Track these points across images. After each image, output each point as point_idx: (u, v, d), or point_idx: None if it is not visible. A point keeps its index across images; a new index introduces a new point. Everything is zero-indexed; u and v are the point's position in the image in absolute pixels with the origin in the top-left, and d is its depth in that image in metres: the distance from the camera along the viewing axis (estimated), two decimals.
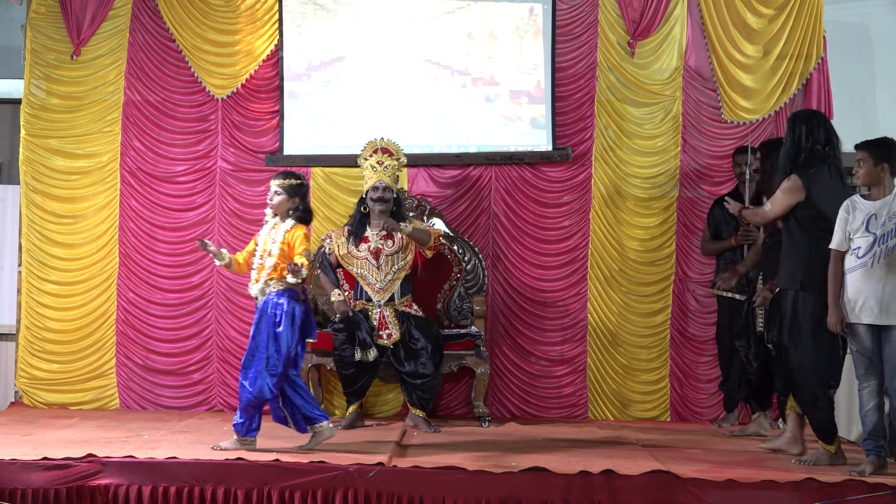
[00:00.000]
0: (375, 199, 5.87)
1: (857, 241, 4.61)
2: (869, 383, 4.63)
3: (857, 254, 4.60)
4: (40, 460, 4.55)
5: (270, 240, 4.95)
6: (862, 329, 4.60)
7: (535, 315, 6.51)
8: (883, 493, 4.30)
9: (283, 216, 4.98)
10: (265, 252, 4.94)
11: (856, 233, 4.62)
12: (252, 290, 4.98)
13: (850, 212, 4.66)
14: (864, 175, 4.71)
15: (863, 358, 4.63)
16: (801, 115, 5.07)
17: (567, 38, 6.55)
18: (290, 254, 4.87)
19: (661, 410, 6.45)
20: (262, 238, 5.00)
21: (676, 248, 6.46)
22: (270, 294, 4.89)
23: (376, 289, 5.90)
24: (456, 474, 4.51)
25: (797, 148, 4.87)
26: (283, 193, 4.96)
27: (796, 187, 4.79)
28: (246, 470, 4.55)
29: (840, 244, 4.67)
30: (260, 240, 5.02)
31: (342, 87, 6.63)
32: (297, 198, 4.98)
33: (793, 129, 4.91)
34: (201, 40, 6.62)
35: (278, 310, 4.86)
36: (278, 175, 5.04)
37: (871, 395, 4.63)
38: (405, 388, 5.84)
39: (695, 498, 4.36)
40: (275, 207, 4.98)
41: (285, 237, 4.90)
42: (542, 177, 6.53)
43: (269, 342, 4.83)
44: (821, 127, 4.90)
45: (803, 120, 4.94)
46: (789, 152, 4.89)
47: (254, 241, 5.08)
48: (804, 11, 6.44)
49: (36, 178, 6.59)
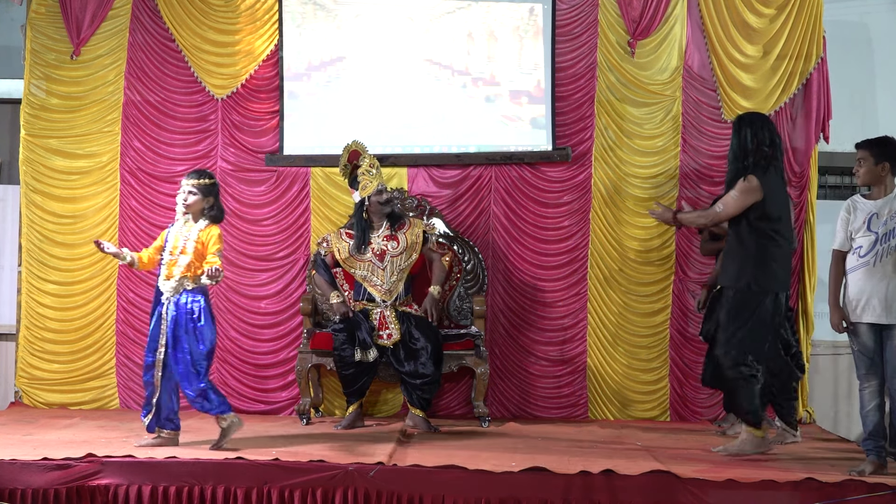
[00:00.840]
0: (384, 203, 5.89)
1: (858, 240, 4.62)
2: (870, 383, 4.63)
3: (859, 253, 4.61)
4: (40, 460, 4.55)
5: (182, 237, 4.96)
6: (864, 329, 4.60)
7: (535, 315, 6.51)
8: (883, 493, 4.30)
9: (197, 216, 5.01)
10: (175, 249, 4.95)
11: (857, 232, 4.62)
12: (164, 286, 4.95)
13: (850, 211, 4.67)
14: (864, 174, 4.71)
15: (864, 358, 4.63)
16: (745, 117, 5.10)
17: (567, 38, 6.55)
18: (203, 252, 4.93)
19: (661, 410, 6.45)
20: (173, 235, 5.01)
21: (676, 248, 6.46)
22: (184, 292, 4.93)
23: (382, 290, 5.90)
24: (456, 474, 4.51)
25: (744, 150, 4.93)
26: (197, 193, 4.99)
27: (754, 188, 4.83)
28: (246, 469, 4.56)
29: (842, 244, 4.68)
30: (170, 237, 5.02)
31: (342, 87, 6.63)
32: (210, 197, 5.02)
33: (738, 132, 4.97)
34: (201, 40, 6.62)
35: (195, 305, 4.93)
36: (191, 174, 5.06)
37: (871, 396, 4.63)
38: (405, 388, 5.84)
39: (695, 498, 4.36)
40: (189, 207, 4.99)
41: (200, 236, 4.94)
42: (542, 177, 6.54)
43: (191, 338, 4.89)
44: (764, 128, 4.96)
45: (748, 122, 5.00)
46: (737, 154, 4.95)
47: (161, 238, 5.09)
48: (804, 11, 6.43)
49: (36, 178, 6.59)
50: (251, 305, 6.57)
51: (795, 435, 5.44)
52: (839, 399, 6.84)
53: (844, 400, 6.82)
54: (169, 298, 4.93)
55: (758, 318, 4.85)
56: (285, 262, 6.57)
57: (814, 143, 6.37)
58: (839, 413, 6.82)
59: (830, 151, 6.65)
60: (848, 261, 4.66)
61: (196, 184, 4.99)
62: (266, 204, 6.60)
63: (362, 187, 5.89)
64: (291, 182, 6.59)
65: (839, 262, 4.69)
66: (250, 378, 6.51)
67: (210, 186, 5.03)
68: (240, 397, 6.47)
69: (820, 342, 6.55)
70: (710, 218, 5.09)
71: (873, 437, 4.59)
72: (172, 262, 4.95)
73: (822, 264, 6.57)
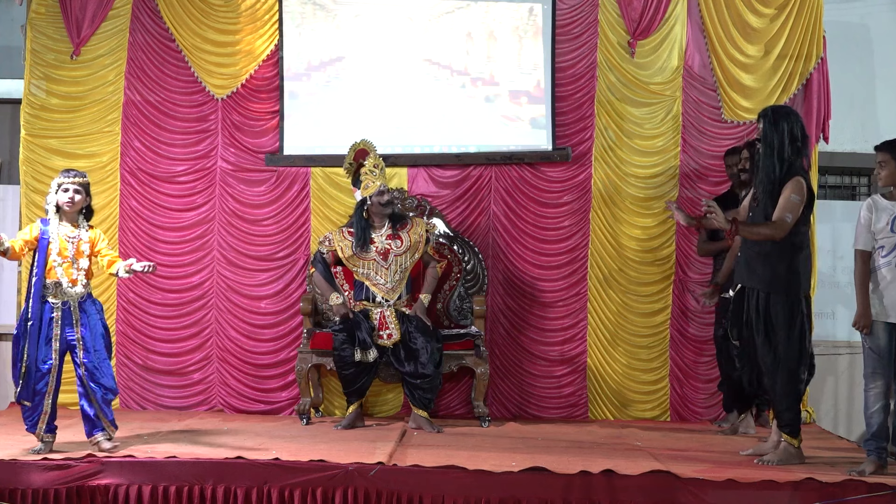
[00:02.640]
0: (384, 204, 5.88)
1: (881, 240, 4.63)
2: (876, 384, 4.64)
3: (881, 253, 4.62)
4: (40, 460, 4.57)
5: (71, 240, 4.89)
6: (881, 327, 4.62)
7: (535, 315, 6.51)
8: (883, 493, 4.30)
9: (77, 214, 4.95)
10: (67, 251, 4.86)
11: (880, 233, 4.63)
12: (72, 291, 4.87)
13: (873, 211, 4.67)
14: (886, 176, 4.71)
15: (874, 356, 4.65)
16: (779, 110, 4.84)
17: (567, 38, 6.55)
18: (95, 253, 4.98)
19: (661, 410, 6.46)
20: (57, 237, 4.86)
21: (676, 249, 6.46)
22: (86, 295, 4.95)
23: (386, 289, 5.90)
24: (456, 474, 4.51)
25: (785, 144, 4.69)
26: (81, 192, 4.94)
27: (804, 189, 4.69)
28: (246, 469, 4.55)
29: (866, 244, 4.69)
30: (52, 237, 4.85)
31: (342, 87, 6.63)
32: (88, 196, 5.01)
33: (776, 126, 4.72)
34: (201, 40, 6.62)
35: (98, 307, 4.99)
36: (70, 173, 4.94)
37: (877, 398, 4.64)
38: (407, 388, 5.83)
39: (695, 498, 4.36)
40: (75, 206, 4.91)
41: (89, 238, 4.95)
42: (542, 177, 6.54)
43: (101, 339, 4.94)
44: (796, 122, 4.76)
45: (783, 115, 4.76)
46: (779, 152, 4.70)
47: (31, 232, 4.87)
48: (804, 11, 6.44)
49: (36, 178, 6.59)
50: (251, 305, 6.57)
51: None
52: (839, 399, 6.84)
53: (844, 400, 6.82)
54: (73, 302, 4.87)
55: (806, 322, 4.78)
56: (285, 262, 6.57)
57: (814, 143, 6.36)
58: (839, 413, 6.83)
59: (830, 151, 6.66)
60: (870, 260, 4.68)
61: (82, 182, 4.92)
62: (266, 204, 6.60)
63: (364, 187, 5.89)
64: (291, 182, 6.59)
65: (865, 263, 4.68)
66: (250, 378, 6.51)
67: (88, 185, 5.00)
68: (240, 397, 6.48)
69: (820, 342, 6.55)
70: (780, 228, 4.63)
71: (875, 437, 4.60)
72: (68, 264, 4.85)
73: (822, 264, 6.60)
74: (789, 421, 4.80)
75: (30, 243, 4.88)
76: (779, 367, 4.74)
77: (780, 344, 4.73)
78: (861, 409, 4.93)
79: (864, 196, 7.17)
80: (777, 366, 4.74)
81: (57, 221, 4.92)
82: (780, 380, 4.75)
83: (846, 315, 6.76)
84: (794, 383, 4.77)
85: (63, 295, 4.87)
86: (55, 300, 4.86)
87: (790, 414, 4.80)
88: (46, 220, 4.93)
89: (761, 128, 4.80)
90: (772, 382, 4.80)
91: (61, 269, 4.86)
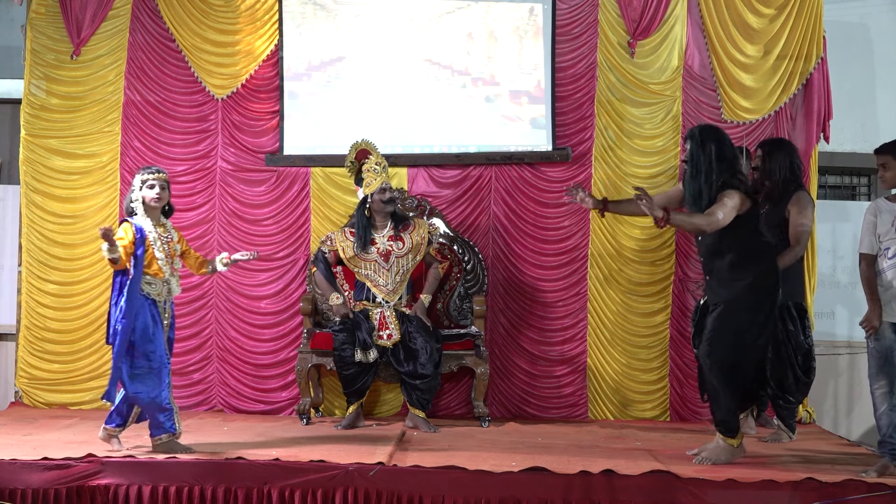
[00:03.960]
0: (386, 201, 5.88)
1: (886, 243, 4.63)
2: (880, 383, 4.65)
3: (887, 255, 4.62)
4: (40, 460, 4.55)
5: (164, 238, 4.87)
6: (887, 326, 4.62)
7: (535, 315, 6.51)
8: (883, 493, 4.30)
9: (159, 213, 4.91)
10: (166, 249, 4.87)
11: (885, 235, 4.63)
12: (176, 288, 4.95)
13: (877, 214, 4.67)
14: (891, 178, 4.71)
15: (879, 356, 4.65)
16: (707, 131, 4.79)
17: (567, 38, 6.55)
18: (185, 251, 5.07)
19: (661, 410, 6.45)
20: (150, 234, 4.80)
21: (676, 248, 6.46)
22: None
23: (387, 290, 5.90)
24: (456, 474, 4.51)
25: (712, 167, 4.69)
26: (166, 187, 4.89)
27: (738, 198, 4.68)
28: (246, 469, 4.55)
29: (871, 247, 4.69)
30: (149, 236, 4.79)
31: (342, 88, 6.63)
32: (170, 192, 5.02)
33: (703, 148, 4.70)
34: (201, 40, 6.62)
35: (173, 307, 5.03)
36: (152, 169, 4.88)
37: (883, 398, 4.64)
38: (405, 388, 5.84)
39: (695, 498, 4.36)
40: (162, 201, 4.85)
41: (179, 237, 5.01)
42: (542, 177, 6.54)
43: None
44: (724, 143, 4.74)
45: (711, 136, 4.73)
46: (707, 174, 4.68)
47: (126, 235, 4.74)
48: (804, 11, 6.44)
49: (36, 178, 6.59)
50: (251, 305, 6.57)
51: (792, 436, 5.48)
52: (839, 399, 6.84)
53: (844, 400, 6.82)
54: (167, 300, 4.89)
55: (757, 332, 4.81)
56: (285, 262, 6.57)
57: (814, 143, 6.37)
58: (839, 413, 6.82)
59: (830, 151, 6.66)
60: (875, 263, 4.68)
61: (166, 178, 4.90)
62: (266, 204, 6.60)
63: (366, 184, 5.90)
64: (291, 182, 6.59)
65: (871, 266, 4.68)
66: (250, 378, 6.51)
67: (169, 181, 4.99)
68: (240, 397, 6.48)
69: (820, 342, 6.53)
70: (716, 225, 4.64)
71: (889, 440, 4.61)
72: (168, 261, 4.85)
73: (822, 264, 6.59)
74: (719, 421, 4.84)
75: (127, 248, 4.73)
76: (712, 369, 4.75)
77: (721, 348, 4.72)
78: (862, 408, 4.94)
79: (864, 196, 7.18)
80: (711, 367, 4.76)
81: (145, 216, 4.83)
82: (714, 380, 4.77)
83: (846, 315, 6.77)
84: (726, 387, 4.75)
85: (168, 294, 4.87)
86: (159, 298, 4.83)
87: (720, 414, 4.83)
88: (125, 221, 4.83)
89: (688, 149, 4.79)
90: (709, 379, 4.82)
91: (168, 268, 4.84)
